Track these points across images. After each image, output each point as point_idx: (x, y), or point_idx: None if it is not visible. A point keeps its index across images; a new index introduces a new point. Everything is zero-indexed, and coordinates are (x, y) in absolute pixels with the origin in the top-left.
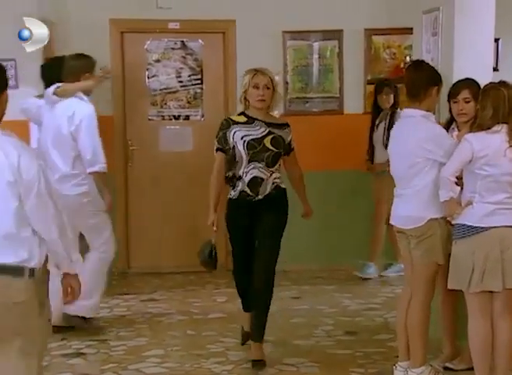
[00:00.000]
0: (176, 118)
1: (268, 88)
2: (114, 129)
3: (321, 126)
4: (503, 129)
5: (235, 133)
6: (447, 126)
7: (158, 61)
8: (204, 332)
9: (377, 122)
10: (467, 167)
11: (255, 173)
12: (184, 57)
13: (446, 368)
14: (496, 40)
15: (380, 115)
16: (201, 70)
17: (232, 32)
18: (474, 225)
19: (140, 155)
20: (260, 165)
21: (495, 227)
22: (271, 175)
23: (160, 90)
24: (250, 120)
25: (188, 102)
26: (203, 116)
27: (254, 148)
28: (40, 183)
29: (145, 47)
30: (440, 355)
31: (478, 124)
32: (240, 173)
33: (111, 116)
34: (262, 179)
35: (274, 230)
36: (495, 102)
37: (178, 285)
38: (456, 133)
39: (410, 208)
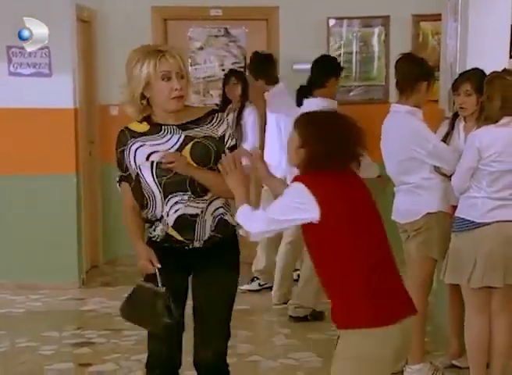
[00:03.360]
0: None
1: (182, 77)
2: None
3: (365, 116)
4: (511, 122)
5: (136, 151)
6: (454, 118)
7: (201, 48)
8: None
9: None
10: None
11: (181, 209)
12: (227, 45)
13: (452, 365)
14: None
15: (228, 107)
16: (245, 58)
17: (276, 19)
18: (478, 221)
19: None
20: (185, 196)
21: (499, 222)
22: (209, 205)
23: (203, 78)
24: (155, 128)
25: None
26: None
27: (169, 171)
28: None
29: (188, 34)
30: (447, 352)
31: (487, 117)
32: (158, 214)
33: None
34: (195, 215)
35: (223, 301)
36: (503, 92)
37: None
38: (462, 124)
39: (406, 202)
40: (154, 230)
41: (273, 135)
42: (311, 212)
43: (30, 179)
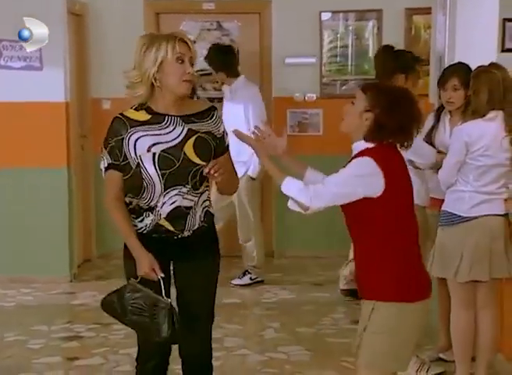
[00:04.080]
0: (211, 100)
1: (192, 64)
2: None
3: None
4: (498, 116)
5: (137, 141)
6: (439, 112)
7: (193, 42)
8: None
9: None
10: None
11: (178, 201)
12: (220, 38)
13: (439, 359)
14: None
15: None
16: (238, 52)
17: (268, 12)
18: (465, 215)
19: None
20: (184, 189)
21: (485, 216)
22: (199, 198)
23: (196, 72)
24: (157, 117)
25: (223, 84)
26: None
27: (172, 164)
28: None
29: (181, 28)
30: (436, 346)
31: (474, 110)
32: (152, 204)
33: None
34: (189, 208)
35: (208, 287)
36: (490, 86)
37: None
38: (448, 118)
39: None
40: (142, 221)
41: (239, 127)
42: (377, 186)
43: (21, 173)
